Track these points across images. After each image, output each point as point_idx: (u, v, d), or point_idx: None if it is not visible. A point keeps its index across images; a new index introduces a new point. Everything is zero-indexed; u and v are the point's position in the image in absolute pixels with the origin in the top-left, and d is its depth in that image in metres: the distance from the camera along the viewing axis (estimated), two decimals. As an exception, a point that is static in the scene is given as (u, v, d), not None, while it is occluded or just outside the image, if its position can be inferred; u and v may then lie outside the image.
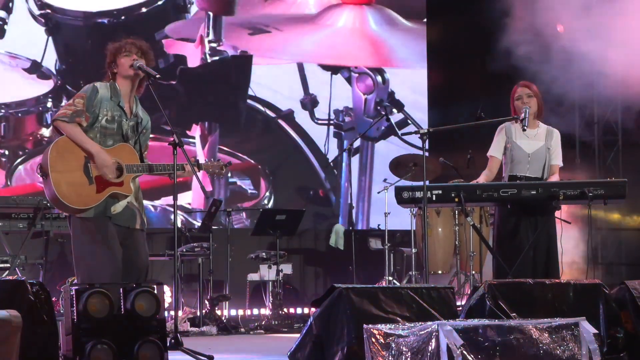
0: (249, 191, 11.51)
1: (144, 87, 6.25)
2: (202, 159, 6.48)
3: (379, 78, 12.24)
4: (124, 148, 6.07)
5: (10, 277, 5.22)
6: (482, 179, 7.46)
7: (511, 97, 7.53)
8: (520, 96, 7.46)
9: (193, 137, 11.11)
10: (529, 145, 7.47)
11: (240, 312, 10.70)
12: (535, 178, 7.41)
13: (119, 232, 6.00)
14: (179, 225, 9.79)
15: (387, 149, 11.34)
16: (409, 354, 4.72)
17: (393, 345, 4.81)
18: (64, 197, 5.86)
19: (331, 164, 10.22)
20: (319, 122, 11.95)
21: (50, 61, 10.71)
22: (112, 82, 6.14)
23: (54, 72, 10.71)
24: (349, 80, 12.18)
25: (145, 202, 6.37)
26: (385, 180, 10.31)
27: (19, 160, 10.53)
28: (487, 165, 7.57)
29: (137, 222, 6.09)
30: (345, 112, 12.08)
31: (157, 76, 6.15)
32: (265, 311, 10.36)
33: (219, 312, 10.01)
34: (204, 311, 9.77)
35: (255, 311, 10.76)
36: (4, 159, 10.45)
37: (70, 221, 6.04)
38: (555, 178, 7.43)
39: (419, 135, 7.22)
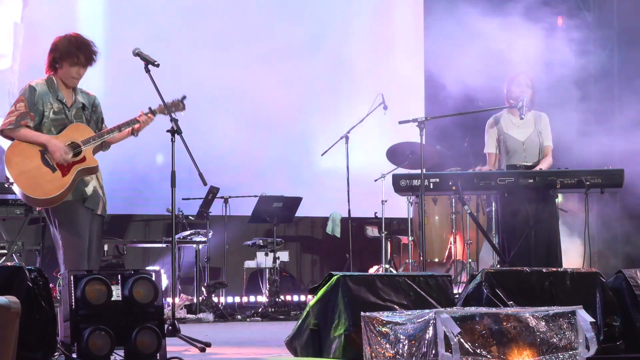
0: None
1: None
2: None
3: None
4: (76, 127, 6.24)
5: (9, 263, 5.21)
6: None
7: (509, 82, 7.53)
8: (520, 82, 7.48)
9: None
10: (521, 133, 7.50)
11: (237, 299, 10.71)
12: (534, 165, 7.44)
13: (89, 215, 6.19)
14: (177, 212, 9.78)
15: (384, 137, 11.33)
16: (406, 341, 4.73)
17: (390, 333, 4.82)
18: (32, 194, 6.04)
19: (328, 150, 10.22)
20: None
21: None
22: (50, 76, 6.26)
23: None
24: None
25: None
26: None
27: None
28: (487, 162, 7.59)
29: (99, 208, 6.26)
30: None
31: (157, 63, 6.20)
32: (262, 298, 10.38)
33: (215, 299, 10.02)
34: (200, 298, 9.78)
35: (252, 298, 10.78)
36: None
37: (45, 211, 6.22)
38: (548, 159, 7.47)
39: (416, 123, 7.23)
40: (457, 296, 6.17)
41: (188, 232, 10.01)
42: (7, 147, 6.17)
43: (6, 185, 6.15)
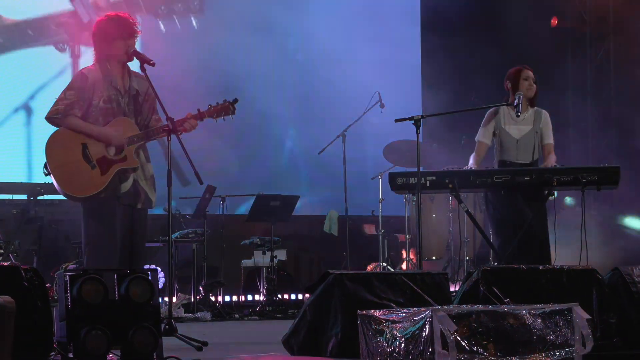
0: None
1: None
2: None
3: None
4: (122, 122, 6.10)
5: (5, 263, 5.20)
6: (471, 162, 7.49)
7: (514, 77, 7.50)
8: (528, 76, 7.46)
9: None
10: (517, 130, 7.49)
11: (235, 298, 10.72)
12: (525, 164, 7.43)
13: (124, 211, 6.08)
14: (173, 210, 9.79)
15: (381, 135, 11.33)
16: (403, 339, 4.73)
17: (387, 331, 4.82)
18: (69, 190, 5.96)
19: (325, 149, 10.23)
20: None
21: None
22: (102, 62, 6.14)
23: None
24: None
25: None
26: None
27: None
28: (474, 150, 7.58)
29: (140, 202, 6.14)
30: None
31: (152, 63, 6.15)
32: (260, 297, 10.38)
33: (213, 298, 10.02)
34: (198, 297, 9.78)
35: (250, 297, 10.77)
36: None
37: (82, 205, 6.11)
38: (552, 157, 7.45)
39: (412, 121, 7.22)
40: (453, 294, 6.17)
41: (185, 231, 10.01)
42: (50, 135, 6.04)
43: (44, 174, 6.05)
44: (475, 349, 4.65)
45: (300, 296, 10.92)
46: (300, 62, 12.07)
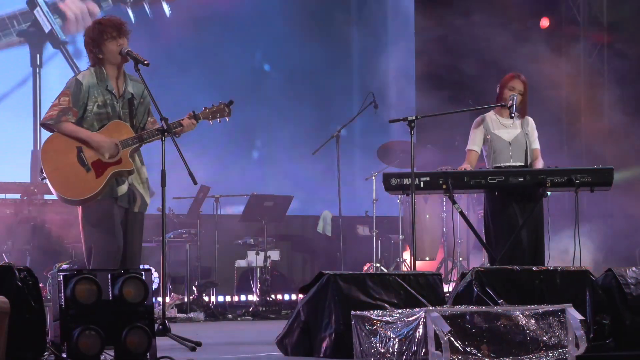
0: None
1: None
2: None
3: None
4: (116, 125, 6.12)
5: (-2, 263, 5.20)
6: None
7: (503, 84, 7.51)
8: (514, 87, 7.46)
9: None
10: (508, 133, 7.50)
11: (228, 298, 10.71)
12: (520, 165, 7.43)
13: (120, 214, 6.10)
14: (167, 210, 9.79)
15: (375, 136, 11.34)
16: (397, 340, 4.73)
17: (380, 332, 4.82)
18: (65, 193, 5.99)
19: (319, 150, 10.23)
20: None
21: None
22: (97, 67, 6.14)
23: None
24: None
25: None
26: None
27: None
28: (465, 159, 7.58)
29: (136, 205, 6.18)
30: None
31: (146, 63, 6.15)
32: (253, 297, 10.37)
33: (206, 299, 10.01)
34: (191, 297, 9.77)
35: (243, 297, 10.77)
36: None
37: (80, 209, 6.13)
38: (540, 161, 7.46)
39: (407, 122, 7.21)
40: (447, 295, 6.18)
41: (179, 231, 10.00)
42: (45, 140, 6.08)
43: (40, 179, 6.08)
44: (468, 349, 4.66)
45: (293, 296, 10.92)
46: (295, 61, 12.06)
